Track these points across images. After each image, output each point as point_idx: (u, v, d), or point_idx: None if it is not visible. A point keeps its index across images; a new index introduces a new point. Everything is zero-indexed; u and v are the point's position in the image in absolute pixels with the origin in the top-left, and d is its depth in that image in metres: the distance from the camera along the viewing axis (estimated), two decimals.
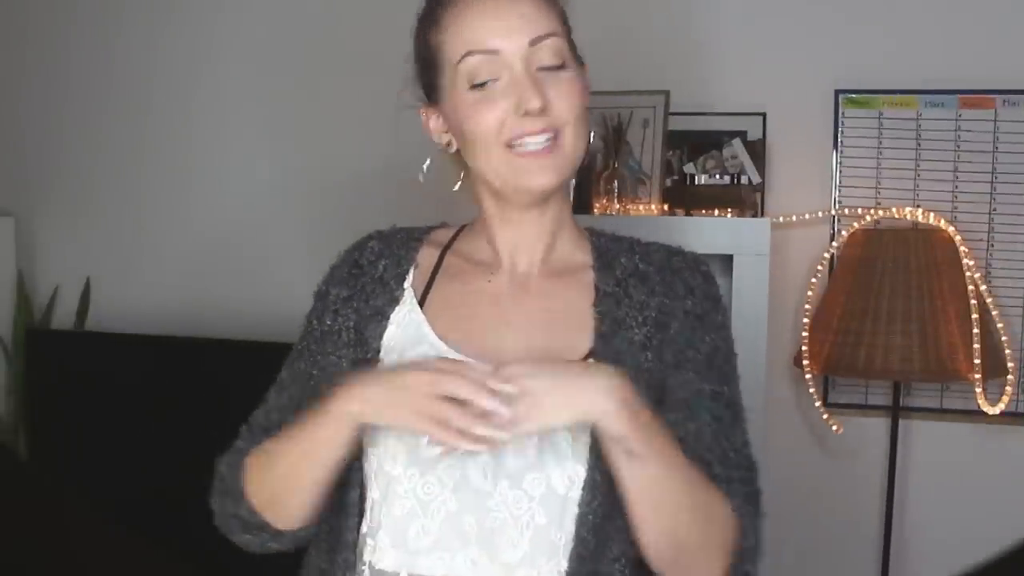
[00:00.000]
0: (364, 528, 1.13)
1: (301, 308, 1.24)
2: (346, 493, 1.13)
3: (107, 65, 2.67)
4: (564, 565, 1.07)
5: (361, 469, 1.13)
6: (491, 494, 1.06)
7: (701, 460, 1.08)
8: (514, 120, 1.08)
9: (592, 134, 1.18)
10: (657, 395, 1.10)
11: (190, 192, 2.65)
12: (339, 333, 1.17)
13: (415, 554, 1.08)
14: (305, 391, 1.17)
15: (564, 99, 1.09)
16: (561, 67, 1.09)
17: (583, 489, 1.06)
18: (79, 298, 2.70)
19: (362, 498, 1.13)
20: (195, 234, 2.65)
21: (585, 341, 1.12)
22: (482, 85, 1.08)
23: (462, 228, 1.24)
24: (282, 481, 1.11)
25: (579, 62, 1.15)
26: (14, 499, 2.13)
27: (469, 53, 1.08)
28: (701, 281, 1.17)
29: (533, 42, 1.08)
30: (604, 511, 1.06)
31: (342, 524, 1.13)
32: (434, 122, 1.17)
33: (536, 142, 1.08)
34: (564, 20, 1.13)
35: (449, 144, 1.16)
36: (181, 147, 2.65)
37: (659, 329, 1.12)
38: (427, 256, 1.21)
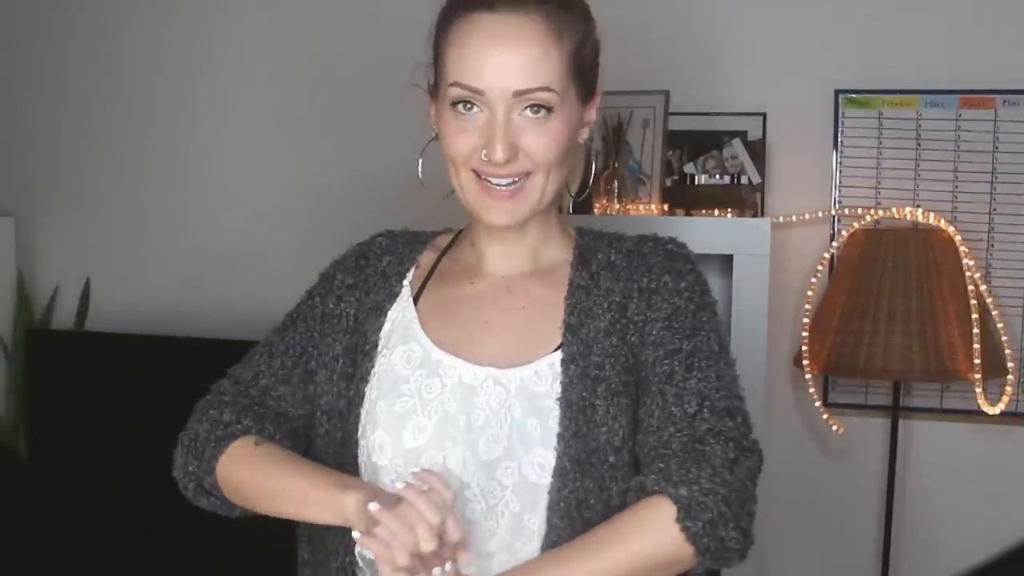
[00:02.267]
0: None
1: None
2: None
3: (107, 65, 2.67)
4: (540, 551, 1.08)
5: (353, 468, 1.15)
6: (469, 485, 1.09)
7: (669, 438, 1.06)
8: (480, 158, 1.10)
9: (592, 150, 1.18)
10: (629, 376, 1.12)
11: (190, 192, 2.65)
12: (339, 318, 1.22)
13: None
14: (297, 365, 1.21)
15: (540, 147, 1.10)
16: (549, 111, 1.09)
17: (552, 476, 1.08)
18: (79, 298, 2.70)
19: None
20: (195, 234, 2.65)
21: (557, 334, 1.15)
22: (466, 109, 1.10)
23: (460, 232, 1.28)
24: (257, 502, 1.13)
25: (585, 94, 1.15)
26: (14, 499, 2.12)
27: (456, 83, 1.10)
28: (662, 258, 1.18)
29: (518, 93, 1.08)
30: (577, 498, 1.07)
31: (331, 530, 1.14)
32: (433, 112, 1.18)
33: (499, 183, 1.11)
34: (574, 57, 1.11)
35: (438, 137, 1.17)
36: (181, 147, 2.65)
37: (621, 312, 1.15)
38: (428, 258, 1.26)
